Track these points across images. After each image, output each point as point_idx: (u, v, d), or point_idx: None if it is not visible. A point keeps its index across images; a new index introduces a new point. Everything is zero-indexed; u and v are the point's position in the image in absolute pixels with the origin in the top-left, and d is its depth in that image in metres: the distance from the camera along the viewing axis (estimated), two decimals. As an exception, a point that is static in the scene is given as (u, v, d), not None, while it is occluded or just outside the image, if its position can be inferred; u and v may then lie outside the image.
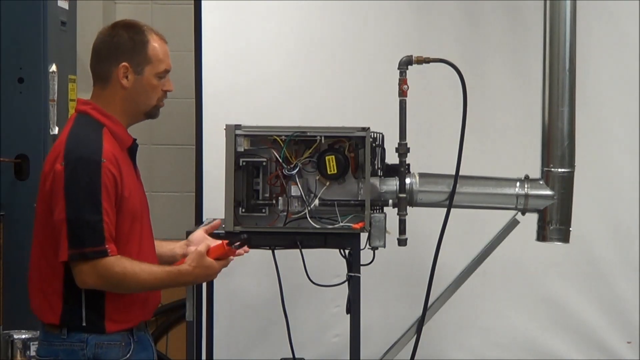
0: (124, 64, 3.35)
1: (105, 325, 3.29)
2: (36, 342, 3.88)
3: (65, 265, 3.27)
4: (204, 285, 4.37)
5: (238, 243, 3.42)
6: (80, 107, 3.41)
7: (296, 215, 3.81)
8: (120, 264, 3.26)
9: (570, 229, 4.12)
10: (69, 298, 3.28)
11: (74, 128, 3.35)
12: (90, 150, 3.26)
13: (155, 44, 3.39)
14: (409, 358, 4.13)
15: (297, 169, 3.79)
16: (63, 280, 3.28)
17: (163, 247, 3.60)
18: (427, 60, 3.95)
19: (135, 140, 3.46)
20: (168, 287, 3.42)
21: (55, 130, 4.52)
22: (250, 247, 3.77)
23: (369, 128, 3.80)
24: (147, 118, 3.46)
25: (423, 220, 4.18)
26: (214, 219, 4.01)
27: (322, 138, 3.80)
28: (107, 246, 3.22)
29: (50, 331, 3.32)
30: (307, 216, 3.79)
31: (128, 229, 3.33)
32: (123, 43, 3.37)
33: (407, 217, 3.95)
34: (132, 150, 3.44)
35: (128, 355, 3.33)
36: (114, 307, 3.30)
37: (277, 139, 3.79)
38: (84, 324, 3.28)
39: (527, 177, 4.08)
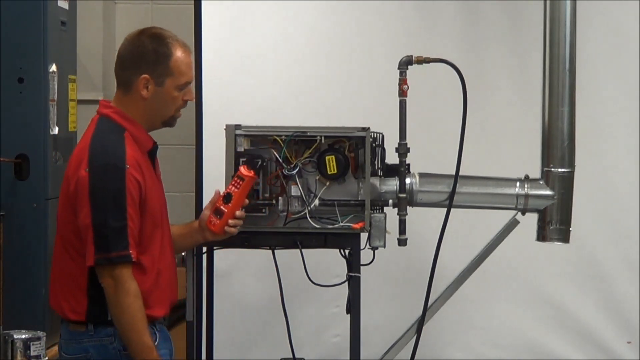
0: (144, 75, 3.41)
1: None
2: (36, 342, 3.88)
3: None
4: (204, 285, 4.37)
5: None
6: (103, 111, 3.46)
7: (296, 215, 3.81)
8: (137, 288, 3.33)
9: (570, 229, 4.12)
10: (94, 294, 3.36)
11: (97, 133, 3.40)
12: (114, 156, 3.32)
13: (178, 56, 3.45)
14: (409, 358, 4.13)
15: (297, 169, 3.79)
16: (87, 277, 3.36)
17: (175, 232, 3.67)
18: (427, 60, 3.95)
19: (155, 142, 3.52)
20: (133, 351, 3.37)
21: (56, 130, 4.53)
22: (250, 247, 3.79)
23: (369, 128, 3.80)
24: (164, 126, 3.53)
25: (423, 220, 4.18)
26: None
27: (322, 138, 3.80)
28: (131, 251, 3.30)
29: (77, 329, 3.39)
30: (307, 216, 3.79)
31: (150, 232, 3.40)
32: (146, 54, 3.42)
33: (407, 217, 3.94)
34: (152, 152, 3.50)
35: (156, 344, 3.42)
36: None
37: (277, 139, 3.79)
38: (109, 319, 3.35)
39: (527, 177, 4.08)
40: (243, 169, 3.63)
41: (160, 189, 3.58)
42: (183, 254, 3.90)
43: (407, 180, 3.96)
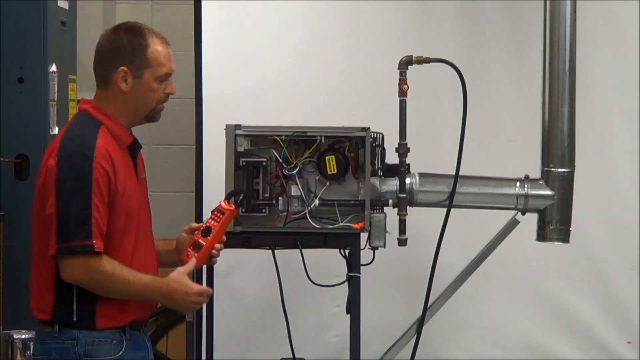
0: (122, 68, 3.37)
1: (97, 321, 3.29)
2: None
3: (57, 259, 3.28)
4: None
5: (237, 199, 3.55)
6: (81, 106, 3.44)
7: (296, 215, 3.81)
8: (111, 263, 3.26)
9: (570, 229, 4.12)
10: (60, 292, 3.28)
11: (71, 125, 3.39)
12: (83, 145, 3.27)
13: (155, 47, 3.40)
14: (409, 358, 4.13)
15: (297, 169, 3.79)
16: (55, 274, 3.28)
17: (160, 246, 3.61)
18: (427, 60, 3.95)
19: (136, 140, 3.47)
20: (150, 297, 3.35)
21: (56, 130, 4.53)
22: (250, 247, 3.78)
23: (369, 128, 3.80)
24: (148, 121, 3.48)
25: (423, 220, 4.18)
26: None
27: (322, 138, 3.80)
28: (94, 241, 3.22)
29: (43, 329, 3.32)
30: (307, 216, 3.79)
31: (122, 225, 3.32)
32: (122, 47, 3.38)
33: (407, 217, 3.95)
34: (132, 149, 3.45)
35: (120, 354, 3.32)
36: (105, 303, 3.30)
37: (277, 139, 3.80)
38: (74, 319, 3.27)
39: (527, 177, 4.08)
40: (224, 203, 3.55)
41: (141, 189, 3.50)
42: None
43: (407, 180, 3.96)
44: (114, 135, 3.36)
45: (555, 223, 4.09)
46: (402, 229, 3.95)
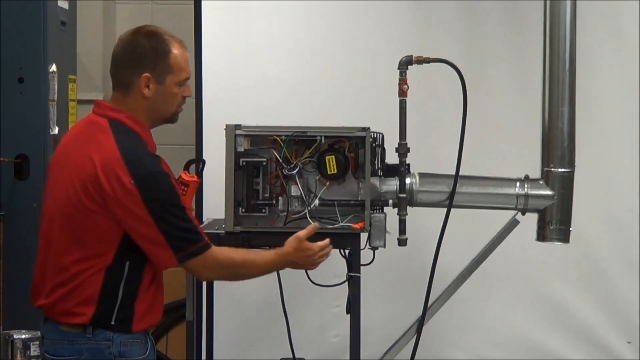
0: (146, 74, 3.37)
1: (133, 325, 3.33)
2: (36, 342, 3.87)
3: (107, 269, 3.29)
4: (204, 285, 4.38)
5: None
6: (113, 115, 3.39)
7: (296, 215, 3.81)
8: (236, 251, 3.47)
9: (570, 229, 4.12)
10: (104, 301, 3.30)
11: (121, 141, 3.34)
12: (154, 163, 3.32)
13: (176, 52, 3.41)
14: (409, 358, 4.13)
15: (297, 169, 3.79)
16: (102, 283, 3.29)
17: None
18: (427, 60, 3.95)
19: None
20: (276, 269, 3.66)
21: (56, 130, 4.53)
22: (251, 247, 3.79)
23: (369, 128, 3.80)
24: (166, 123, 3.51)
25: (423, 220, 4.18)
26: (214, 219, 4.03)
27: (322, 138, 3.80)
28: (205, 239, 3.37)
29: (71, 330, 3.32)
30: (307, 216, 3.79)
31: None
32: (145, 53, 3.38)
33: (407, 217, 3.95)
34: None
35: (147, 354, 3.38)
36: (143, 307, 3.35)
37: (277, 139, 3.79)
38: (112, 323, 3.31)
39: (527, 177, 4.08)
40: (185, 175, 3.60)
41: None
42: None
43: (407, 180, 3.96)
44: (148, 144, 3.40)
45: (555, 223, 4.09)
46: (402, 229, 3.95)
